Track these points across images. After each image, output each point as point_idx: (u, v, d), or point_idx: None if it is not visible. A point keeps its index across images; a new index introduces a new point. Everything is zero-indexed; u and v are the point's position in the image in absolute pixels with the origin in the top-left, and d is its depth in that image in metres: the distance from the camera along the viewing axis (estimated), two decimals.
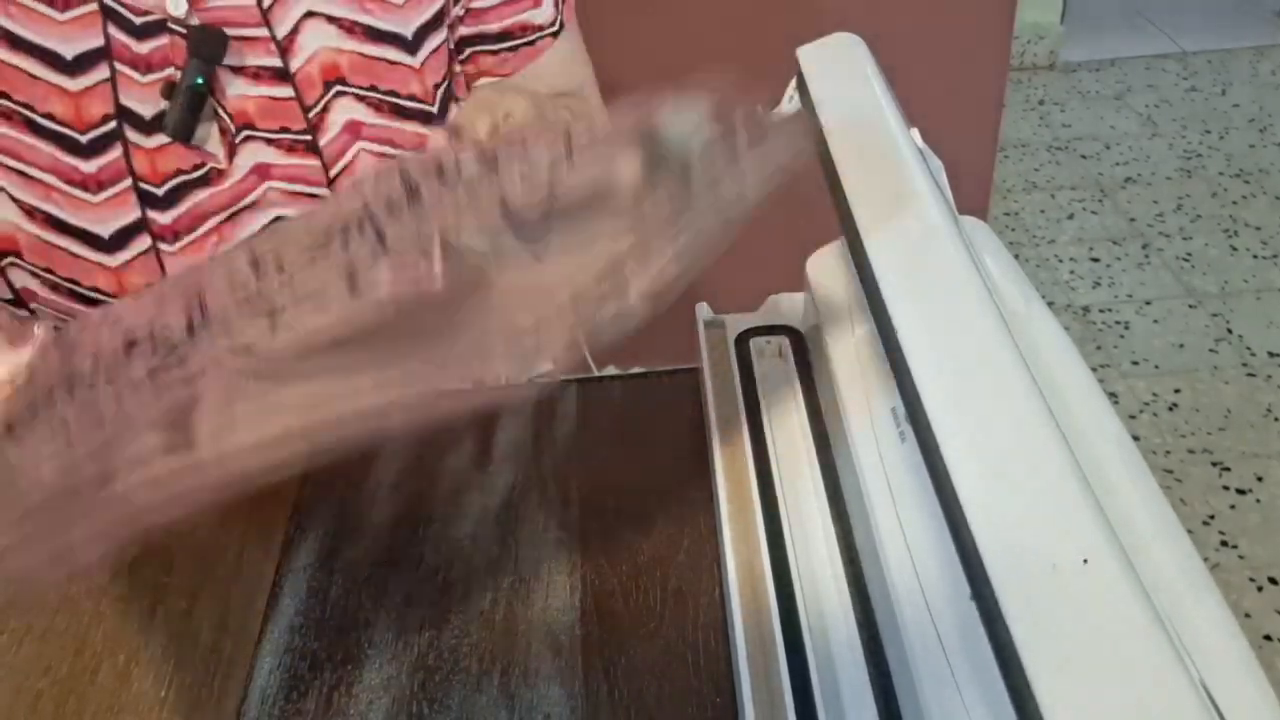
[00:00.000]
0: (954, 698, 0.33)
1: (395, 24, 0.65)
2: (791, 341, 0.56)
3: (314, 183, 0.65)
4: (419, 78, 0.66)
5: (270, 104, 0.63)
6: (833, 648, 0.40)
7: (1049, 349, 0.41)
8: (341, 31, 0.64)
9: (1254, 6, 3.09)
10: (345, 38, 0.64)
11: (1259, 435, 1.67)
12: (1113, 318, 1.94)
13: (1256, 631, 1.39)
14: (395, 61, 0.65)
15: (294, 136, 0.64)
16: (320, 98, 0.64)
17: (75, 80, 0.59)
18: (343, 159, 0.65)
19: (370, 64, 0.65)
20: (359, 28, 0.64)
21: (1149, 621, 0.27)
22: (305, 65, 0.63)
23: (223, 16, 0.61)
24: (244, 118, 0.63)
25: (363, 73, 0.65)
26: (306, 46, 0.63)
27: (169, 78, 0.61)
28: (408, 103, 0.66)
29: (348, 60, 0.64)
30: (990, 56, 1.36)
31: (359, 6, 0.64)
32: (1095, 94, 2.72)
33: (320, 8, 0.63)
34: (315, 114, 0.64)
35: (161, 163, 0.62)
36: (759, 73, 0.46)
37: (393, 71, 0.65)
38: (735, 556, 0.44)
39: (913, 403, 0.35)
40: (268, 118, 0.63)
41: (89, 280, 0.63)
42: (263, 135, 0.64)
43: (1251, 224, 2.18)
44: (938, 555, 0.36)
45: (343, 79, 0.64)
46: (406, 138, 0.67)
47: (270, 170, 0.64)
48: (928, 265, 0.40)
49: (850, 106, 0.50)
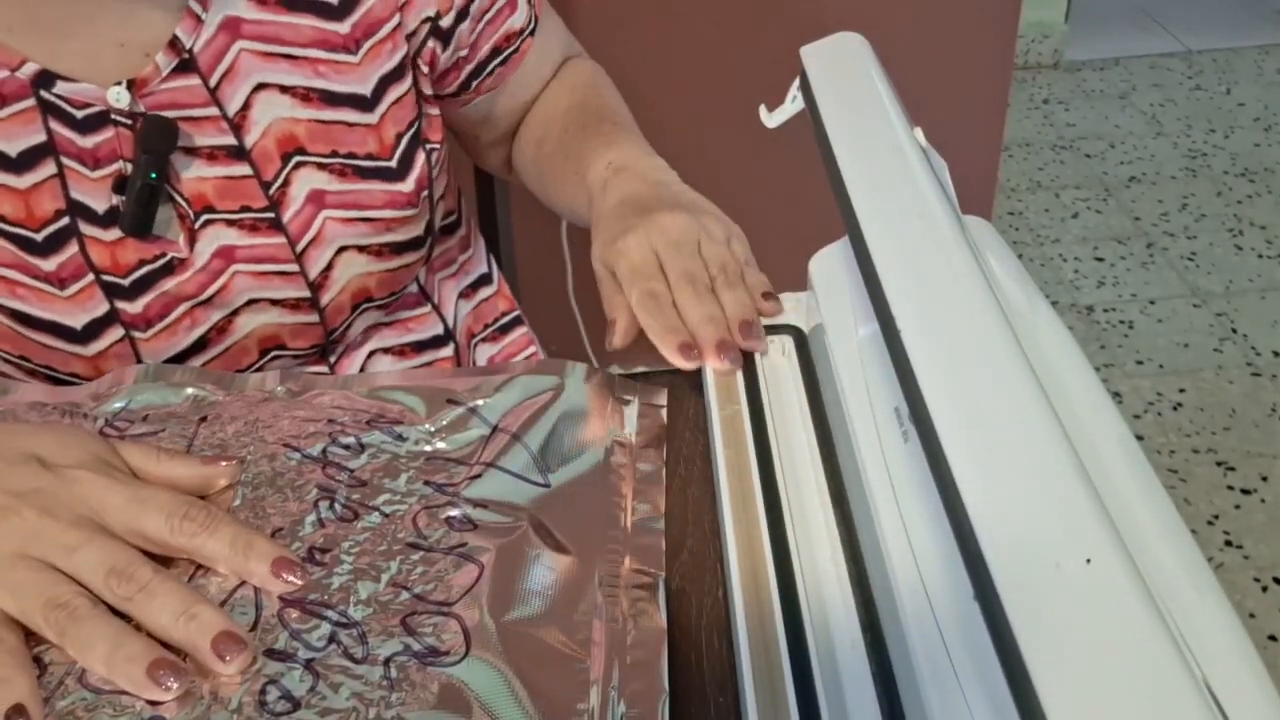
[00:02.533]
0: (957, 698, 0.33)
1: (352, 84, 0.62)
2: (795, 341, 0.56)
3: (282, 260, 0.63)
4: (375, 134, 0.63)
5: (228, 184, 0.60)
6: (836, 648, 0.40)
7: (1053, 348, 0.41)
8: (296, 100, 0.61)
9: (1259, 5, 3.08)
10: (300, 106, 0.61)
11: (1263, 435, 1.66)
12: (1117, 317, 1.93)
13: (1261, 632, 1.38)
14: (353, 123, 0.63)
15: (255, 215, 0.61)
16: (280, 171, 0.61)
17: (21, 178, 0.57)
18: (309, 232, 0.63)
19: (328, 129, 0.62)
20: (314, 93, 0.61)
21: (1152, 621, 0.27)
22: (261, 140, 0.60)
23: (170, 99, 0.58)
24: (202, 201, 0.60)
25: (321, 139, 0.62)
26: (260, 120, 0.60)
27: (119, 172, 0.58)
28: (368, 163, 0.63)
29: (305, 129, 0.61)
30: (994, 55, 1.35)
31: (312, 71, 0.61)
32: (1100, 93, 2.72)
33: (271, 78, 0.60)
34: (276, 189, 0.61)
35: (122, 255, 0.60)
36: (762, 72, 0.46)
37: (351, 133, 0.63)
38: (738, 556, 0.44)
39: (916, 402, 0.35)
40: (226, 198, 0.61)
41: (66, 368, 0.61)
42: (223, 217, 0.61)
43: (1256, 223, 2.17)
44: (941, 555, 0.36)
45: (301, 149, 0.61)
46: (373, 198, 0.64)
47: (234, 253, 0.61)
48: (931, 265, 0.40)
49: (853, 106, 0.50)
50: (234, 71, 0.59)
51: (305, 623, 0.42)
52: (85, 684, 0.40)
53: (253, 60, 0.60)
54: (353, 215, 0.64)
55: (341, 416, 0.52)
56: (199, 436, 0.51)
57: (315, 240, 0.63)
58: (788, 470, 0.48)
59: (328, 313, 0.66)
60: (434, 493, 0.48)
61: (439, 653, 0.40)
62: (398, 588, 0.43)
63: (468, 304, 0.78)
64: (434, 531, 0.46)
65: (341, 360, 0.71)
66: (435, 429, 0.51)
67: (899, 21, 1.30)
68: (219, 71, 0.59)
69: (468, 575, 0.43)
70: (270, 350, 0.66)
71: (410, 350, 0.73)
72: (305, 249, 0.63)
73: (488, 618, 0.41)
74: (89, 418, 0.53)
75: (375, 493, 0.48)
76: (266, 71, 0.60)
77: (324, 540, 0.45)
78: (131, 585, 0.40)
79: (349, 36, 0.61)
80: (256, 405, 0.53)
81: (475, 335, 0.78)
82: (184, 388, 0.55)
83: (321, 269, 0.64)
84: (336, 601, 0.42)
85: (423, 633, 0.41)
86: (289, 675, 0.39)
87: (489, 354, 0.79)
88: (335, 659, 0.40)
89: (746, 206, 0.64)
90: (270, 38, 0.60)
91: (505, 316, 0.80)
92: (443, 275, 0.76)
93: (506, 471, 0.49)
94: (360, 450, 0.50)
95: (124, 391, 0.55)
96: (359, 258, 0.65)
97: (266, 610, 0.42)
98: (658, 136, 0.71)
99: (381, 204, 0.64)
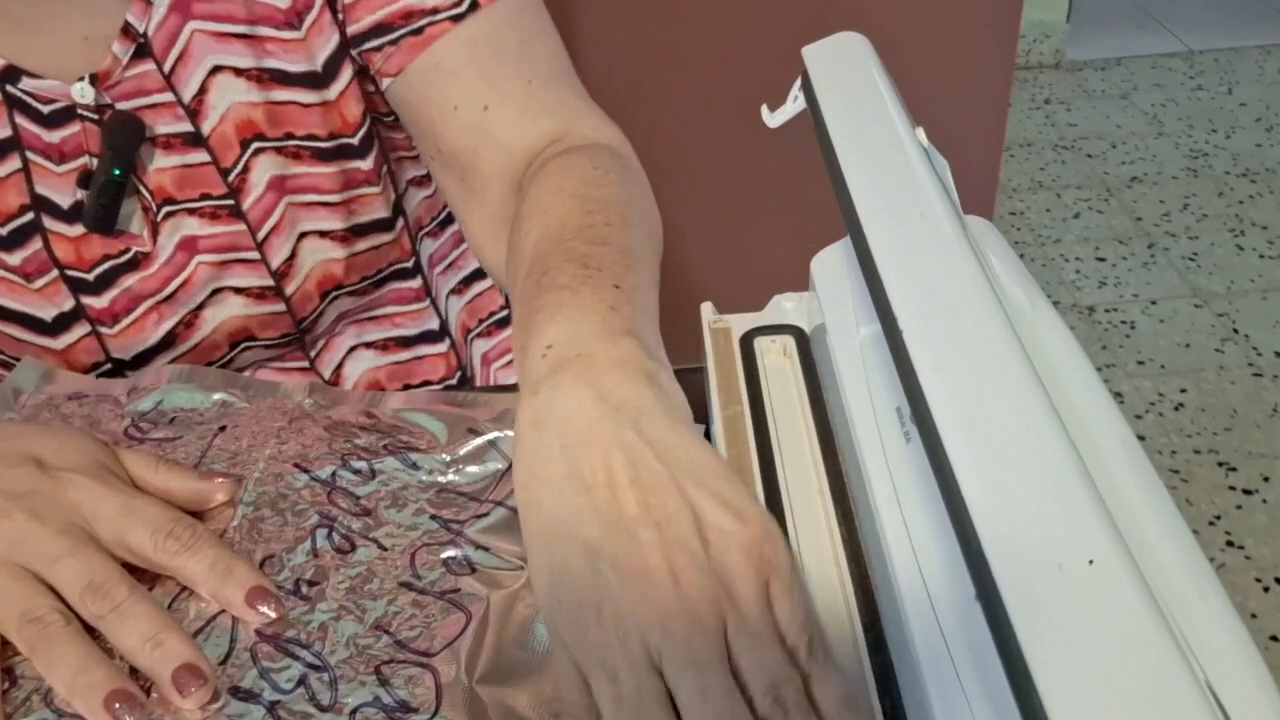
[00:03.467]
0: (958, 698, 0.33)
1: (302, 62, 0.59)
2: (796, 341, 0.56)
3: (243, 248, 0.62)
4: (337, 111, 0.61)
5: (186, 172, 0.59)
6: (837, 648, 0.40)
7: (1054, 349, 0.41)
8: (250, 83, 0.59)
9: (1261, 5, 3.08)
10: (255, 88, 0.59)
11: (1265, 435, 1.66)
12: (1118, 317, 1.93)
13: (1263, 632, 1.38)
14: (309, 104, 0.60)
15: (215, 203, 0.60)
16: (239, 158, 0.60)
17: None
18: (270, 219, 0.62)
19: (284, 110, 0.60)
20: (266, 74, 0.59)
21: (1154, 622, 0.27)
22: (219, 125, 0.59)
23: (134, 88, 0.58)
24: (163, 192, 0.59)
25: (277, 122, 0.60)
26: (217, 105, 0.59)
27: (84, 167, 0.58)
28: (327, 144, 0.61)
29: (262, 112, 0.60)
30: (996, 55, 1.35)
31: (262, 50, 0.59)
32: (1101, 93, 2.71)
33: (225, 60, 0.58)
34: (235, 176, 0.60)
35: (86, 250, 0.60)
36: (764, 72, 0.46)
37: (308, 115, 0.60)
38: None
39: (917, 403, 0.35)
40: (186, 187, 0.60)
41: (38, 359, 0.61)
42: (183, 206, 0.60)
43: (1258, 223, 2.17)
44: (942, 555, 0.36)
45: (260, 134, 0.60)
46: (332, 180, 0.62)
47: (197, 243, 0.61)
48: (933, 265, 0.40)
49: (855, 106, 0.50)
50: (188, 55, 0.58)
51: (276, 661, 0.41)
52: (50, 704, 0.39)
53: (206, 41, 0.58)
54: (311, 199, 0.63)
55: (359, 438, 0.51)
56: (213, 446, 0.51)
57: (276, 228, 0.62)
58: (789, 470, 0.48)
59: (294, 301, 0.65)
60: (439, 528, 0.47)
61: (409, 708, 0.39)
62: (380, 630, 0.42)
63: (460, 299, 0.77)
64: (430, 572, 0.45)
65: (321, 355, 0.70)
66: (452, 459, 0.50)
67: (901, 21, 1.30)
68: (173, 55, 0.58)
69: (454, 625, 0.42)
70: (241, 343, 0.66)
71: (395, 345, 0.72)
72: (267, 236, 0.62)
73: (462, 675, 0.40)
74: (121, 416, 0.53)
75: (377, 524, 0.47)
76: (220, 53, 0.59)
77: (314, 572, 0.45)
78: (106, 603, 0.40)
79: (290, 10, 0.59)
80: (277, 418, 0.53)
81: (470, 330, 0.78)
82: (213, 392, 0.54)
83: (285, 257, 0.63)
84: (313, 640, 0.42)
85: (395, 684, 0.40)
86: (249, 716, 0.39)
87: (483, 349, 0.78)
88: (300, 704, 0.39)
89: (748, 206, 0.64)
90: (221, 16, 0.58)
91: (501, 311, 0.80)
92: (436, 271, 0.75)
93: (513, 510, 0.47)
94: (371, 477, 0.49)
95: (157, 391, 0.55)
96: (322, 243, 0.64)
97: (240, 643, 0.41)
98: (659, 137, 0.71)
99: (340, 186, 0.63)
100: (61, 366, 0.61)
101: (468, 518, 0.47)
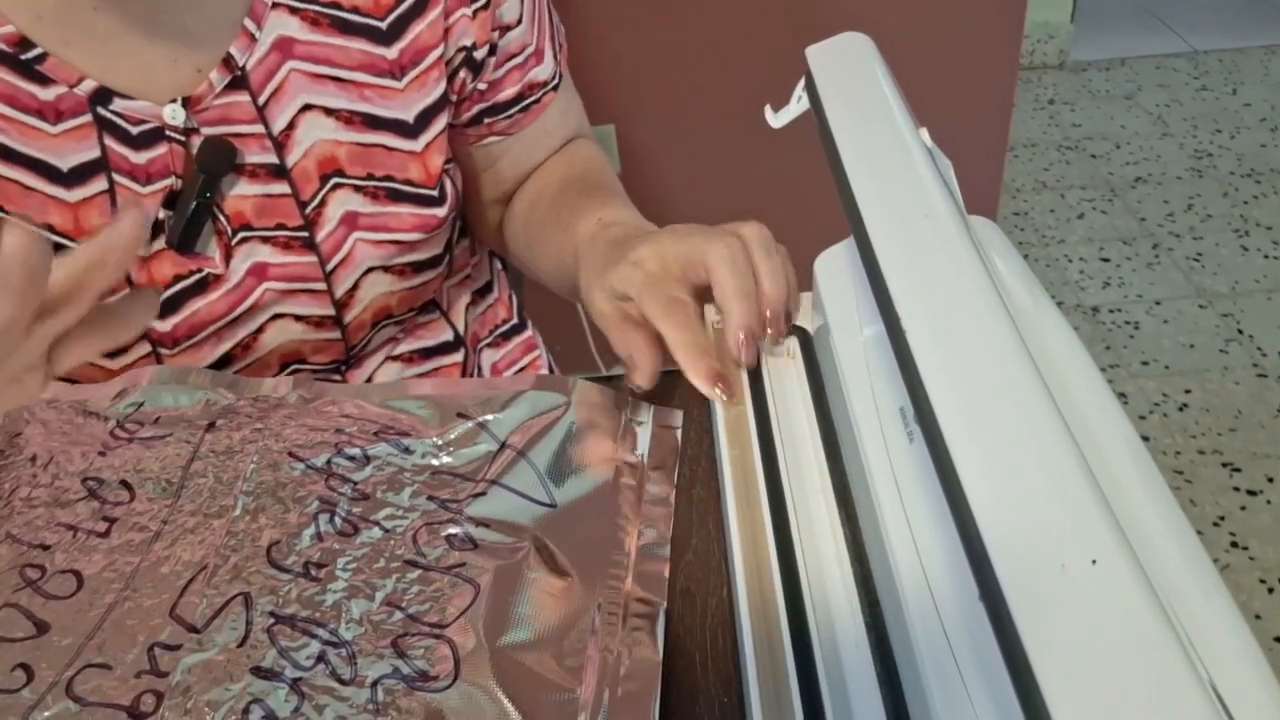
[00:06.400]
0: (961, 698, 0.33)
1: (396, 110, 0.62)
2: (799, 341, 0.56)
3: (311, 278, 0.63)
4: (420, 162, 0.64)
5: (266, 201, 0.61)
6: (840, 648, 0.40)
7: (1058, 349, 0.41)
8: (339, 123, 0.61)
9: (1265, 5, 3.07)
10: (343, 129, 0.61)
11: (1270, 436, 1.66)
12: (1122, 318, 1.93)
13: (1267, 633, 1.38)
14: (393, 148, 0.63)
15: (290, 233, 0.62)
16: (317, 192, 0.62)
17: (71, 191, 0.57)
18: (339, 252, 0.63)
19: (368, 152, 0.62)
20: (357, 117, 0.62)
21: (1158, 623, 0.27)
22: (302, 160, 0.61)
23: (222, 114, 0.59)
24: (241, 218, 0.61)
25: (360, 162, 0.62)
26: (303, 140, 0.61)
27: (169, 187, 0.58)
28: (405, 187, 0.64)
29: (345, 151, 0.62)
30: (1000, 55, 1.35)
31: (358, 95, 0.61)
32: (1105, 93, 2.71)
33: (317, 100, 0.60)
34: (312, 209, 0.62)
35: (158, 270, 0.60)
36: (767, 72, 0.46)
37: (390, 157, 0.63)
38: (743, 556, 0.44)
39: (921, 403, 0.35)
40: (264, 216, 0.61)
41: (87, 377, 0.61)
42: (258, 234, 0.61)
43: (1263, 224, 2.17)
44: (945, 555, 0.36)
45: (340, 170, 0.62)
46: (403, 221, 0.64)
47: (267, 270, 0.62)
48: (936, 265, 0.40)
49: (859, 106, 0.50)
50: (282, 91, 0.60)
51: (294, 640, 0.41)
52: (70, 694, 0.40)
53: (302, 80, 0.60)
54: (382, 237, 0.64)
55: (350, 426, 0.52)
56: (205, 442, 0.51)
57: (345, 261, 0.64)
58: (793, 470, 0.48)
59: (350, 330, 0.67)
60: (437, 509, 0.47)
61: (428, 677, 0.40)
62: (391, 607, 0.43)
63: (474, 310, 0.78)
64: (433, 549, 0.46)
65: (354, 371, 0.71)
66: (443, 443, 0.51)
67: (904, 22, 1.30)
68: (268, 90, 0.59)
69: (463, 597, 0.43)
70: (291, 364, 0.67)
71: (418, 357, 0.73)
72: (335, 268, 0.64)
73: (480, 642, 0.41)
74: (102, 417, 0.53)
75: (377, 507, 0.48)
76: (314, 93, 0.60)
77: (320, 555, 0.45)
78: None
79: (395, 62, 0.62)
80: (266, 412, 0.53)
81: (481, 340, 0.79)
82: (198, 390, 0.55)
83: (348, 288, 0.65)
84: (328, 619, 0.42)
85: (413, 655, 0.41)
86: (274, 695, 0.39)
87: (493, 359, 0.79)
88: (322, 679, 0.40)
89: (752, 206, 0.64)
90: (320, 59, 0.60)
91: (505, 324, 0.81)
92: (451, 282, 0.76)
93: (511, 490, 0.48)
94: (366, 462, 0.50)
95: (138, 392, 0.55)
96: (384, 277, 0.66)
97: (257, 625, 0.42)
98: (663, 138, 0.71)
99: (410, 226, 0.65)
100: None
101: (465, 497, 0.48)
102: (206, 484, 0.49)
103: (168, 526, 0.47)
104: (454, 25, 0.63)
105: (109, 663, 0.41)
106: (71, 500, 0.49)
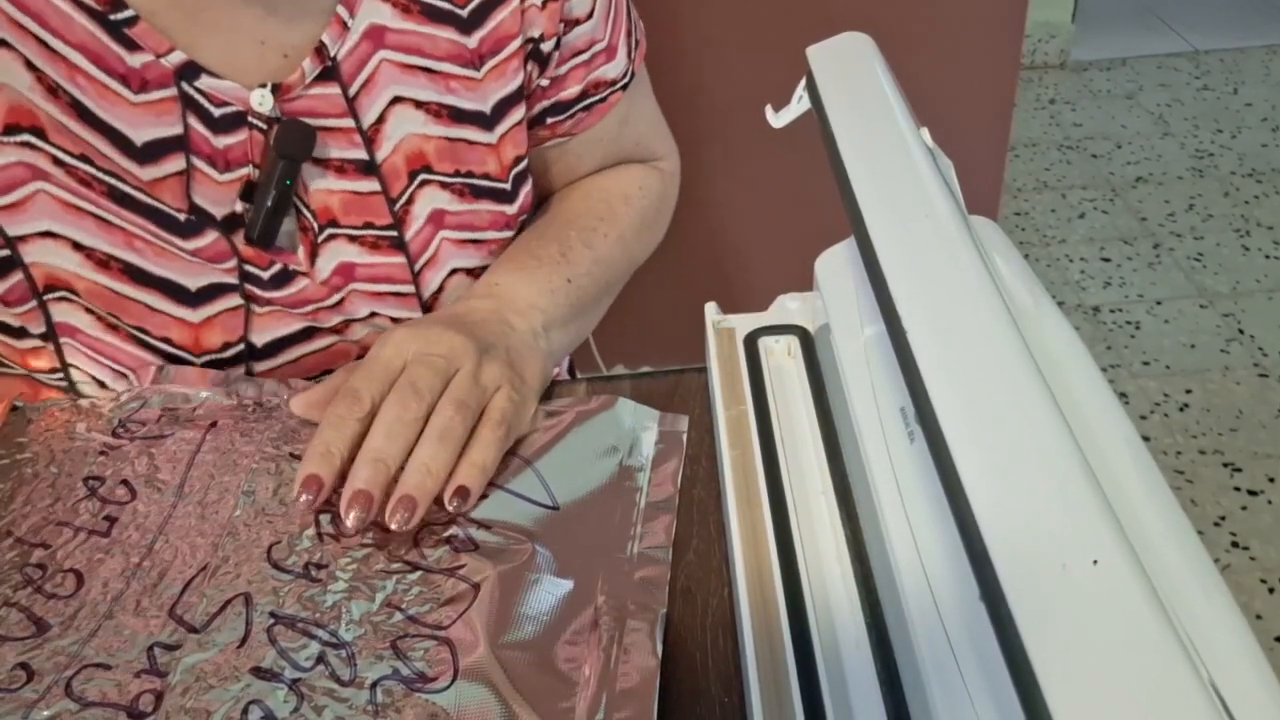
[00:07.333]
0: (962, 698, 0.33)
1: (476, 101, 0.60)
2: (800, 341, 0.56)
3: (400, 281, 0.61)
4: (495, 155, 0.62)
5: (354, 199, 0.58)
6: (841, 648, 0.40)
7: (1059, 349, 0.41)
8: (428, 116, 0.59)
9: (1266, 5, 3.07)
10: (431, 122, 0.59)
11: (1271, 436, 1.66)
12: (1123, 318, 1.93)
13: (1268, 633, 1.38)
14: (474, 141, 0.61)
15: (378, 232, 0.59)
16: (405, 189, 0.59)
17: (145, 169, 0.54)
18: (426, 252, 0.61)
19: (453, 147, 0.60)
20: (444, 110, 0.59)
21: (1159, 623, 0.27)
22: (391, 155, 0.58)
23: (309, 107, 0.56)
24: (327, 214, 0.58)
25: (447, 157, 0.60)
26: (392, 135, 0.58)
27: (247, 177, 0.55)
28: (483, 182, 0.62)
29: (434, 146, 0.59)
30: (1001, 55, 1.35)
31: (444, 87, 0.59)
32: (1106, 93, 2.71)
33: (407, 92, 0.58)
34: (401, 206, 0.59)
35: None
36: (768, 72, 0.46)
37: (471, 152, 0.61)
38: (744, 556, 0.44)
39: (921, 403, 0.35)
40: (351, 213, 0.58)
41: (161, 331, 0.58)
42: (345, 232, 0.59)
43: (1264, 223, 2.17)
44: (946, 555, 0.36)
45: (428, 166, 0.60)
46: (482, 219, 0.62)
47: (354, 270, 0.60)
48: (937, 265, 0.40)
49: (860, 106, 0.50)
50: (373, 82, 0.57)
51: (294, 640, 0.41)
52: (70, 694, 0.40)
53: (392, 71, 0.58)
54: (465, 236, 0.63)
55: None
56: (206, 442, 0.51)
57: (431, 261, 0.62)
58: (793, 470, 0.48)
59: None
60: (438, 511, 0.47)
61: (427, 679, 0.40)
62: (391, 608, 0.43)
63: None
64: (434, 551, 0.45)
65: None
66: None
67: (905, 21, 1.30)
68: (359, 81, 0.57)
69: (464, 598, 0.43)
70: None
71: None
72: (422, 269, 0.62)
73: (481, 643, 0.41)
74: (103, 417, 0.53)
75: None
76: (404, 84, 0.58)
77: (321, 556, 0.45)
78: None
79: (475, 51, 0.60)
80: (267, 413, 0.53)
81: None
82: (199, 390, 0.55)
83: (434, 290, 0.63)
84: (328, 620, 0.42)
85: (413, 656, 0.41)
86: (273, 695, 0.39)
87: None
88: (321, 680, 0.40)
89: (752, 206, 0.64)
90: (412, 49, 0.58)
91: None
92: None
93: (514, 494, 0.48)
94: None
95: (140, 392, 0.55)
96: (466, 280, 0.64)
97: (257, 626, 0.42)
98: None
99: (487, 224, 0.63)
100: (187, 343, 0.58)
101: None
102: (207, 484, 0.49)
103: (168, 526, 0.47)
104: (525, 14, 0.61)
105: (108, 662, 0.41)
106: (72, 500, 0.49)
